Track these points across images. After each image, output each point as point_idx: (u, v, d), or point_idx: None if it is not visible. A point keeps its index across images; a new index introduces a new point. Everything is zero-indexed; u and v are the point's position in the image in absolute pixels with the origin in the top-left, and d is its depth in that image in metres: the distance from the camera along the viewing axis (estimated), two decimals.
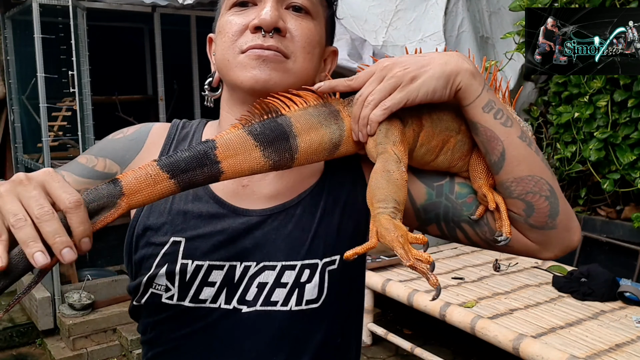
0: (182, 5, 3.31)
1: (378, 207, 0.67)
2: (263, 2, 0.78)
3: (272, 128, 0.70)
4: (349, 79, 0.75)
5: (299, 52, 0.78)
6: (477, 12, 4.01)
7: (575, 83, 3.65)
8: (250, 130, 0.69)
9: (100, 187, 0.63)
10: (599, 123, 3.54)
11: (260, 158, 0.69)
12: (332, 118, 0.74)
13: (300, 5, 0.79)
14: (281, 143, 0.70)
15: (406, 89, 0.71)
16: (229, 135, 0.69)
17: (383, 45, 3.64)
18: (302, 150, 0.71)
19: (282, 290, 0.79)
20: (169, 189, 0.66)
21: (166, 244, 0.79)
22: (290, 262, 0.79)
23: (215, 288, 0.78)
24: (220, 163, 0.67)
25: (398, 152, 0.70)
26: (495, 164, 0.75)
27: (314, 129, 0.72)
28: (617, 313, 2.80)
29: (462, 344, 3.25)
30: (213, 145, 0.67)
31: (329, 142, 0.74)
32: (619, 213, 3.61)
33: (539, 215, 0.75)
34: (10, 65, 3.78)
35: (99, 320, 3.31)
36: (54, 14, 3.27)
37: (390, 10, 3.73)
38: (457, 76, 0.71)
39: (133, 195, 0.64)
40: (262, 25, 0.75)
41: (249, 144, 0.69)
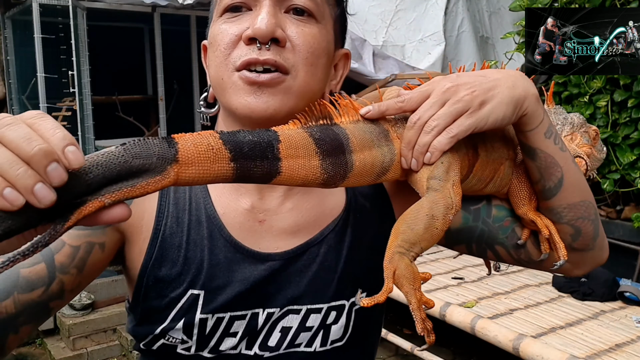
0: (182, 5, 3.31)
1: (402, 246, 0.59)
2: (259, 7, 0.67)
3: (331, 137, 0.60)
4: (399, 100, 0.64)
5: (301, 65, 0.68)
6: (477, 12, 4.01)
7: (575, 83, 3.65)
8: (311, 133, 0.59)
9: (149, 141, 0.49)
10: (599, 123, 3.54)
11: (317, 168, 0.59)
12: (383, 138, 0.64)
13: (302, 7, 0.68)
14: (339, 156, 0.60)
15: (475, 116, 0.62)
16: (290, 131, 0.58)
17: (383, 45, 3.64)
18: (356, 169, 0.61)
19: (307, 334, 0.75)
20: (223, 174, 0.53)
21: (182, 298, 0.72)
22: (316, 306, 0.74)
23: (237, 338, 0.73)
24: (281, 161, 0.56)
25: (454, 195, 0.61)
26: (549, 190, 0.71)
27: (368, 148, 0.63)
28: (617, 313, 2.80)
29: (462, 344, 3.25)
30: (276, 137, 0.57)
31: (380, 165, 0.64)
32: (619, 213, 3.61)
33: (584, 239, 0.74)
34: (10, 65, 3.78)
35: (99, 320, 3.31)
36: (54, 14, 3.27)
37: (390, 10, 3.73)
38: (525, 101, 0.65)
39: (187, 166, 0.50)
40: (256, 37, 0.65)
41: (310, 148, 0.59)
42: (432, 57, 3.66)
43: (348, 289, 0.76)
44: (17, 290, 0.64)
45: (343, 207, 0.77)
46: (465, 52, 3.82)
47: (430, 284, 3.08)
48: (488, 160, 0.71)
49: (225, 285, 0.72)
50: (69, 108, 3.55)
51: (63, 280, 0.67)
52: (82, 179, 0.44)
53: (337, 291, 0.75)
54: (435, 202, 0.60)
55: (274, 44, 0.66)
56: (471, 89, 0.62)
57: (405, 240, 0.59)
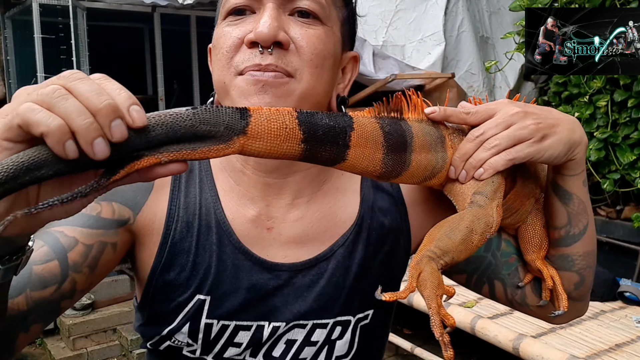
0: (182, 5, 3.31)
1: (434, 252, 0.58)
2: (262, 10, 0.65)
3: (399, 132, 0.60)
4: (465, 111, 0.64)
5: (306, 68, 0.65)
6: (477, 12, 4.01)
7: (575, 83, 3.65)
8: (382, 125, 0.59)
9: (224, 110, 0.49)
10: (599, 123, 3.54)
11: (379, 162, 0.59)
12: (440, 144, 0.64)
13: (307, 9, 0.66)
14: (400, 153, 0.60)
15: (536, 146, 0.62)
16: (364, 121, 0.58)
17: (383, 45, 3.64)
18: (411, 169, 0.62)
19: (312, 349, 0.75)
20: (291, 153, 0.53)
21: (190, 302, 0.72)
22: (322, 321, 0.74)
23: (241, 349, 0.73)
24: (349, 149, 0.56)
25: (497, 215, 0.61)
26: (572, 236, 0.72)
27: (426, 150, 0.63)
28: (617, 313, 2.80)
29: (462, 344, 3.25)
30: (351, 124, 0.56)
31: (431, 169, 0.64)
32: (619, 213, 3.61)
33: (584, 289, 0.76)
34: (10, 65, 3.77)
35: (99, 320, 3.31)
36: (54, 14, 3.27)
37: (390, 10, 3.73)
38: (578, 147, 0.65)
39: (254, 140, 0.50)
40: (258, 41, 0.63)
41: (378, 141, 0.58)
42: (432, 57, 3.66)
43: (355, 304, 0.75)
44: (30, 287, 0.63)
45: (354, 221, 0.76)
46: (465, 52, 3.82)
47: None
48: (521, 192, 0.71)
49: (232, 292, 0.72)
50: None
51: (75, 279, 0.66)
52: (143, 135, 0.45)
53: (344, 307, 0.74)
54: (478, 217, 0.60)
55: (277, 48, 0.64)
56: (537, 120, 0.63)
57: (439, 247, 0.58)
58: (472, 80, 3.83)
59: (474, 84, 3.83)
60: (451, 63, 3.79)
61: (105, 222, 0.70)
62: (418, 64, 3.63)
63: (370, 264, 0.76)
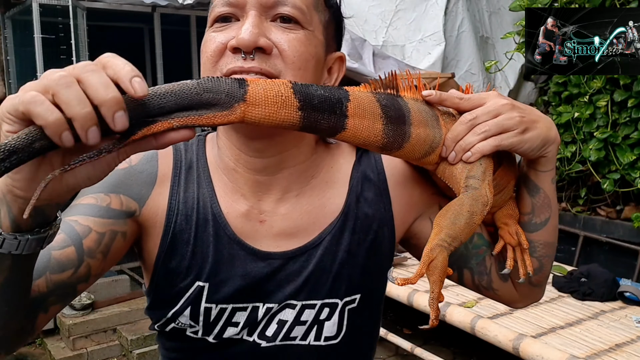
0: (182, 5, 3.31)
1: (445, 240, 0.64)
2: (245, 17, 0.68)
3: (396, 106, 0.66)
4: (459, 96, 0.70)
5: (289, 70, 0.68)
6: (477, 12, 4.01)
7: (575, 83, 3.65)
8: (379, 99, 0.65)
9: (224, 79, 0.54)
10: (599, 123, 3.54)
11: (380, 132, 0.64)
12: (435, 121, 0.70)
13: (288, 15, 0.69)
14: (400, 125, 0.66)
15: (519, 137, 0.69)
16: (360, 94, 0.64)
17: (383, 45, 3.64)
18: (412, 141, 0.67)
19: (302, 327, 0.80)
20: (290, 120, 0.58)
21: (190, 289, 0.78)
22: (310, 302, 0.79)
23: (238, 328, 0.79)
24: (348, 118, 0.61)
25: (489, 193, 0.68)
26: (534, 224, 0.78)
27: (424, 125, 0.68)
28: (617, 313, 2.80)
29: (462, 344, 3.25)
30: (346, 96, 0.61)
31: (430, 143, 0.69)
32: (619, 213, 3.61)
33: (542, 276, 0.82)
34: (10, 65, 3.77)
35: (99, 320, 3.31)
36: (54, 14, 3.27)
37: (390, 10, 3.73)
38: (551, 145, 0.72)
39: (254, 107, 0.55)
40: (240, 46, 0.66)
41: (376, 112, 0.64)
42: (432, 57, 3.66)
43: (342, 288, 0.80)
44: (49, 270, 0.68)
45: (340, 211, 0.81)
46: (465, 52, 3.82)
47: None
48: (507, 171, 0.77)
49: (228, 279, 0.77)
50: None
51: (90, 264, 0.72)
52: (156, 103, 0.51)
53: (332, 290, 0.80)
54: (475, 200, 0.66)
55: (259, 53, 0.67)
56: (522, 114, 0.69)
57: (448, 234, 0.64)
58: (472, 80, 3.83)
59: (474, 84, 3.84)
60: (451, 63, 3.79)
61: (115, 213, 0.75)
62: (418, 64, 3.64)
63: (356, 251, 0.80)
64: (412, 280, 0.62)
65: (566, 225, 3.81)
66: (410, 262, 3.52)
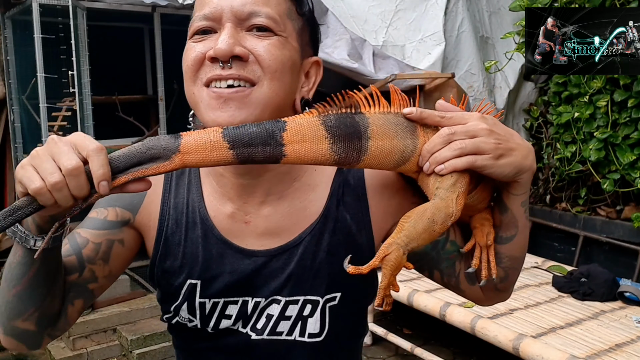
0: (182, 5, 3.31)
1: (402, 240, 0.69)
2: (221, 29, 0.74)
3: (348, 124, 0.70)
4: (440, 115, 0.72)
5: (266, 76, 0.74)
6: (477, 12, 4.01)
7: (575, 83, 3.65)
8: (325, 121, 0.69)
9: (162, 137, 0.66)
10: (599, 123, 3.54)
11: (326, 151, 0.68)
12: (408, 132, 0.73)
13: (262, 25, 0.74)
14: (353, 141, 0.70)
15: (492, 161, 0.71)
16: (301, 120, 0.68)
17: (383, 45, 3.64)
18: (371, 154, 0.71)
19: (287, 323, 0.85)
20: (224, 159, 0.66)
21: (184, 286, 0.86)
22: (294, 298, 0.85)
23: (232, 320, 0.86)
24: (284, 146, 0.67)
25: (456, 206, 0.71)
26: (500, 238, 0.82)
27: (389, 137, 0.71)
28: (617, 313, 2.80)
29: (462, 344, 3.25)
30: (283, 126, 0.67)
31: (399, 154, 0.73)
32: (619, 213, 3.61)
33: (507, 284, 0.86)
34: (10, 65, 3.77)
35: (99, 320, 3.31)
36: (54, 14, 3.26)
37: (390, 10, 3.73)
38: (525, 173, 0.74)
39: (189, 154, 0.65)
40: (217, 56, 0.72)
41: (319, 134, 0.68)
42: (432, 57, 3.66)
43: (322, 286, 0.85)
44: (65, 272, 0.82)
45: (320, 213, 0.85)
46: (465, 52, 3.82)
47: (431, 284, 3.08)
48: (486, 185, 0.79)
49: (218, 275, 0.85)
50: (69, 108, 3.55)
51: (93, 269, 0.84)
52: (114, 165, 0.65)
53: (313, 287, 0.84)
54: (438, 209, 0.70)
55: (236, 61, 0.73)
56: (499, 140, 0.71)
57: (406, 235, 0.69)
58: (472, 80, 3.83)
59: (474, 84, 3.84)
60: (451, 63, 3.79)
61: (111, 224, 0.86)
62: (418, 64, 3.64)
63: (336, 251, 0.84)
64: (363, 270, 0.68)
65: (566, 225, 3.81)
66: None
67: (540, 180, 4.11)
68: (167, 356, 3.29)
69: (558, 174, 3.89)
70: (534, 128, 4.16)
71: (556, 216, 3.90)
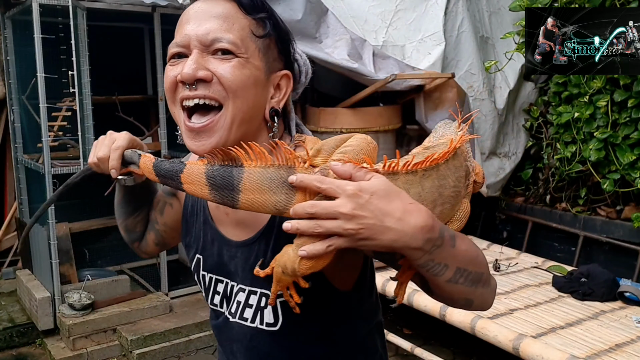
0: (182, 5, 3.31)
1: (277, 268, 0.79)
2: (191, 54, 0.85)
3: (224, 176, 0.76)
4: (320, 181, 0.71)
5: (230, 95, 0.83)
6: (477, 12, 4.01)
7: (575, 83, 3.65)
8: (207, 171, 0.77)
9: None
10: (599, 123, 3.54)
11: (208, 194, 0.78)
12: (285, 188, 0.75)
13: (225, 49, 0.83)
14: (226, 192, 0.77)
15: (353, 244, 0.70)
16: (194, 167, 0.78)
17: (383, 45, 3.64)
18: (243, 204, 0.77)
19: (250, 310, 0.94)
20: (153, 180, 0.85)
21: (194, 259, 1.03)
22: (253, 289, 0.93)
23: (220, 297, 1.00)
24: (182, 184, 0.79)
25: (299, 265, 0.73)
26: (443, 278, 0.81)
27: (260, 192, 0.75)
28: (617, 313, 2.80)
29: (462, 344, 3.25)
30: (181, 169, 0.79)
31: (273, 207, 0.76)
32: (619, 213, 3.61)
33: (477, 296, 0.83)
34: (10, 65, 3.77)
35: (99, 320, 3.32)
36: (54, 14, 3.26)
37: (390, 10, 3.73)
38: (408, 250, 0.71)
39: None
40: (182, 80, 0.83)
41: (202, 181, 0.77)
42: (432, 57, 3.66)
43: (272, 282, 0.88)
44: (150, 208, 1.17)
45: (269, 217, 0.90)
46: (465, 52, 3.82)
47: None
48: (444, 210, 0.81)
49: (210, 255, 0.99)
50: (69, 108, 3.55)
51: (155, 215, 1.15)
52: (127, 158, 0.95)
53: (265, 282, 0.87)
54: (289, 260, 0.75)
55: (201, 83, 0.83)
56: (362, 226, 0.68)
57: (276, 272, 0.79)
58: (472, 80, 3.83)
59: (474, 84, 3.83)
60: (451, 63, 3.79)
61: (166, 191, 1.12)
62: (418, 64, 3.63)
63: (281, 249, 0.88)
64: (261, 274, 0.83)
65: (566, 225, 3.81)
66: None
67: (540, 180, 4.11)
68: (167, 356, 3.29)
69: (558, 174, 3.89)
70: (534, 128, 4.15)
71: (556, 216, 3.90)
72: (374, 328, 1.03)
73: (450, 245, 0.74)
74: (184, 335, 3.39)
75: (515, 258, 3.71)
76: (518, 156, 4.18)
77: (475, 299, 0.82)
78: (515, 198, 4.24)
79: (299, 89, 0.97)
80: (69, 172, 3.31)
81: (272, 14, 0.91)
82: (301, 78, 0.96)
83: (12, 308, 3.74)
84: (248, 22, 0.86)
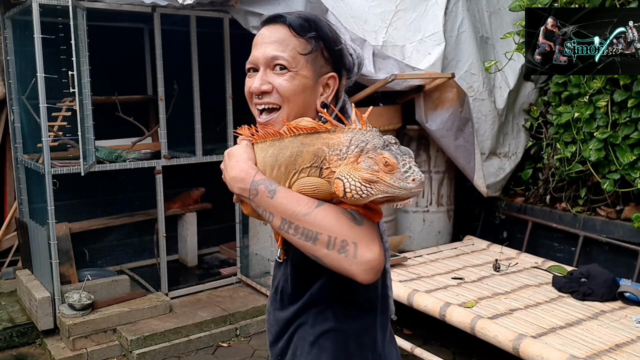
0: (182, 5, 3.31)
1: None
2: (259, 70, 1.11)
3: None
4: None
5: (285, 102, 1.09)
6: (477, 12, 4.01)
7: (575, 83, 3.65)
8: None
9: None
10: (599, 123, 3.54)
11: None
12: None
13: (280, 64, 1.09)
14: None
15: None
16: None
17: (383, 45, 3.64)
18: None
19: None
20: None
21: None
22: None
23: None
24: None
25: None
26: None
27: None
28: (617, 313, 2.80)
29: (462, 344, 3.25)
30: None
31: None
32: (619, 213, 3.61)
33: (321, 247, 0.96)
34: (10, 65, 3.78)
35: (99, 320, 3.31)
36: (54, 14, 3.26)
37: (390, 10, 3.73)
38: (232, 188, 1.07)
39: None
40: (253, 92, 1.12)
41: None
42: (432, 57, 3.66)
43: None
44: None
45: None
46: (465, 52, 3.81)
47: (431, 284, 3.08)
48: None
49: None
50: (69, 108, 3.55)
51: None
52: None
53: None
54: None
55: (265, 93, 1.10)
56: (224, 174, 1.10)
57: None
58: (472, 80, 3.83)
59: (474, 84, 3.83)
60: (451, 63, 3.79)
61: None
62: (418, 64, 3.63)
63: None
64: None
65: (566, 225, 3.81)
66: (410, 262, 3.52)
67: (540, 181, 4.11)
68: (167, 356, 3.29)
69: (558, 174, 3.89)
70: (534, 128, 4.15)
71: (556, 216, 3.90)
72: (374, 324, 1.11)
73: (268, 197, 0.97)
74: (184, 335, 3.39)
75: (515, 258, 3.71)
76: (518, 156, 4.18)
77: (324, 259, 0.92)
78: (515, 198, 4.24)
79: (353, 78, 1.18)
80: (69, 172, 3.31)
81: (320, 31, 1.12)
82: (354, 69, 1.17)
83: (12, 308, 3.74)
84: (298, 42, 1.10)
